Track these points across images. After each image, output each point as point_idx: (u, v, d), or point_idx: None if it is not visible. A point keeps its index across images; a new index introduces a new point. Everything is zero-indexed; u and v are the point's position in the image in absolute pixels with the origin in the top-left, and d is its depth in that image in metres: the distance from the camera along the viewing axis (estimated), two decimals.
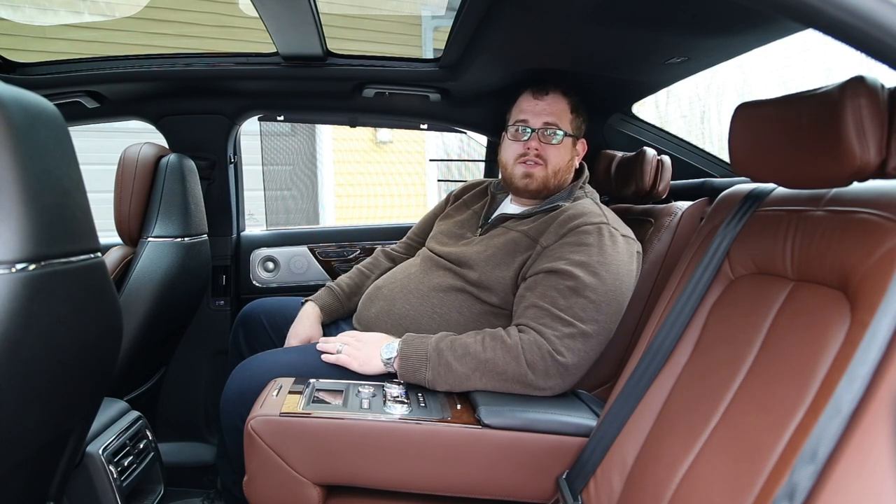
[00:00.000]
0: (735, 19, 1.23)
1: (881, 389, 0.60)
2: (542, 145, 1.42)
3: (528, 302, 1.23)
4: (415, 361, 1.19)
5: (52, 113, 0.80)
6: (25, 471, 0.89)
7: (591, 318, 1.19)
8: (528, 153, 1.42)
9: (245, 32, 3.60)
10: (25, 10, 4.14)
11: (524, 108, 1.45)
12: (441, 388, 1.19)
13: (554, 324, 1.18)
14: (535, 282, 1.25)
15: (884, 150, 0.73)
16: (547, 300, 1.20)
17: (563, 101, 1.44)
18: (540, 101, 1.44)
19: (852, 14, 0.57)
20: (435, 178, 5.91)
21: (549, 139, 1.42)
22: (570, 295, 1.19)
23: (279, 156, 5.20)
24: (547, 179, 1.43)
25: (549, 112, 1.43)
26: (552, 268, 1.24)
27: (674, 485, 0.85)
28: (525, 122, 1.44)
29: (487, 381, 1.17)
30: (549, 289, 1.21)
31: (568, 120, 1.44)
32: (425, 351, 1.20)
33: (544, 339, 1.16)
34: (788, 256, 0.86)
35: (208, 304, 2.05)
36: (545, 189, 1.43)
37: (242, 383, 1.26)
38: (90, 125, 1.94)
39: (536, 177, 1.42)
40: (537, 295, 1.22)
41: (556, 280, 1.22)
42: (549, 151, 1.42)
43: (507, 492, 1.11)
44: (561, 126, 1.43)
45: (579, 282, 1.20)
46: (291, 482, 1.08)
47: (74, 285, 0.82)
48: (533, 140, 1.43)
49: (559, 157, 1.43)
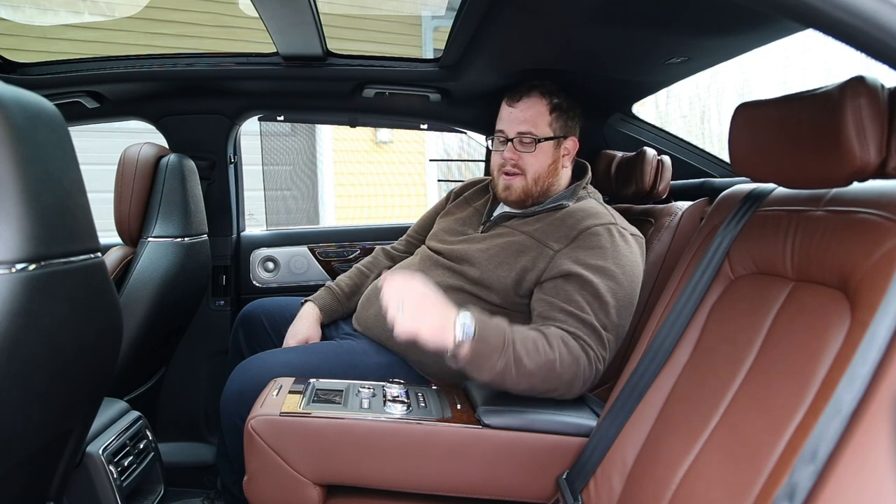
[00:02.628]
0: (735, 19, 1.23)
1: (881, 389, 0.60)
2: (518, 154, 1.39)
3: (556, 306, 1.20)
4: (492, 345, 1.05)
5: (52, 113, 0.80)
6: (25, 471, 0.89)
7: (612, 324, 1.19)
8: (506, 164, 1.40)
9: (245, 32, 3.60)
10: (25, 10, 4.14)
11: (502, 117, 1.44)
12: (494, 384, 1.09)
13: (587, 330, 1.17)
14: (556, 286, 1.23)
15: (884, 150, 0.73)
16: (574, 305, 1.19)
17: (539, 104, 1.40)
18: (513, 108, 1.41)
19: (852, 14, 0.57)
20: (435, 178, 5.90)
21: (523, 147, 1.39)
22: (594, 301, 1.19)
23: (279, 156, 5.20)
24: (527, 188, 1.40)
25: (522, 119, 1.39)
26: (570, 271, 1.22)
27: (674, 485, 0.85)
28: (501, 131, 1.42)
29: (543, 382, 1.10)
30: (573, 293, 1.20)
31: (546, 122, 1.40)
32: (503, 337, 1.06)
33: (588, 346, 1.15)
34: (788, 256, 0.86)
35: (208, 304, 2.05)
36: (528, 197, 1.41)
37: (242, 383, 1.27)
38: (90, 125, 1.94)
39: (515, 188, 1.40)
40: (563, 300, 1.20)
41: (576, 285, 1.21)
42: (525, 160, 1.39)
43: (507, 492, 1.11)
44: (536, 131, 1.39)
45: (599, 287, 1.19)
46: (291, 482, 1.08)
47: (74, 285, 0.82)
48: (508, 150, 1.40)
49: (538, 163, 1.39)
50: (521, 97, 1.41)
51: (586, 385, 1.16)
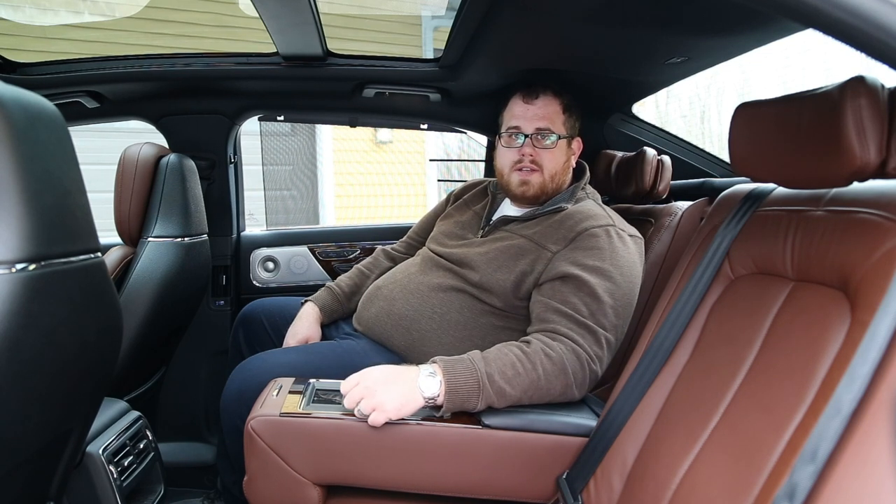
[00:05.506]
0: (735, 19, 1.24)
1: (881, 389, 0.60)
2: (537, 150, 1.40)
3: (550, 307, 1.20)
4: (465, 392, 1.07)
5: (52, 113, 0.80)
6: (25, 471, 0.89)
7: (611, 324, 1.19)
8: (524, 160, 1.40)
9: (245, 32, 3.60)
10: (25, 10, 4.14)
11: (516, 114, 1.43)
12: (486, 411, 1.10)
13: (581, 331, 1.16)
14: (553, 288, 1.23)
15: (884, 149, 0.73)
16: (569, 306, 1.19)
17: (554, 103, 1.42)
18: (531, 105, 1.42)
19: (852, 14, 0.57)
20: (435, 178, 5.91)
21: (543, 144, 1.40)
22: (591, 302, 1.19)
23: (279, 156, 5.20)
24: (544, 185, 1.41)
25: (541, 116, 1.41)
26: (568, 273, 1.22)
27: (674, 485, 0.85)
28: (517, 128, 1.42)
29: (536, 398, 1.11)
30: (569, 295, 1.20)
31: (561, 121, 1.42)
32: (477, 380, 1.07)
33: (579, 347, 1.15)
34: (788, 256, 0.86)
35: (208, 304, 2.05)
36: (543, 194, 1.42)
37: (242, 383, 1.27)
38: (90, 125, 1.95)
39: (533, 183, 1.41)
40: (559, 301, 1.20)
41: (573, 287, 1.21)
42: (544, 156, 1.40)
43: (508, 492, 1.11)
44: (554, 129, 1.40)
45: (597, 288, 1.19)
46: (291, 482, 1.08)
47: (74, 285, 0.82)
48: (527, 146, 1.41)
49: (555, 160, 1.41)
50: (538, 94, 1.42)
51: (584, 385, 1.15)
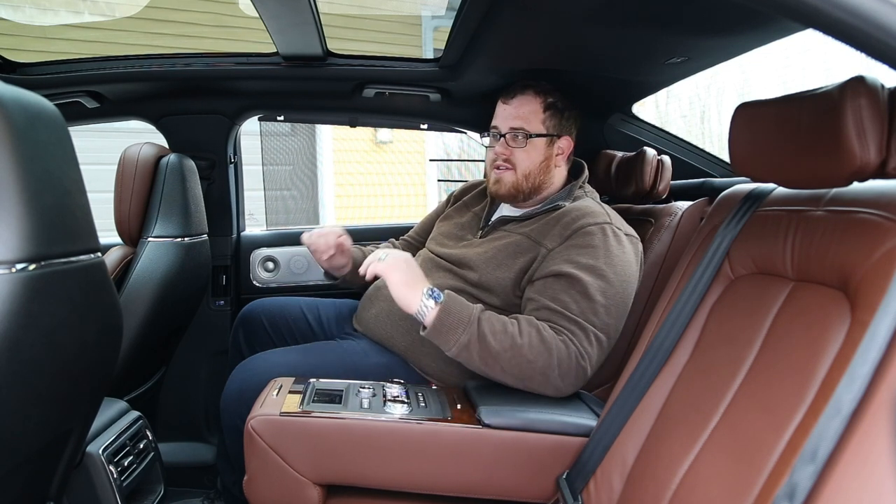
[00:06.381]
0: (735, 19, 1.23)
1: (881, 389, 0.60)
2: (510, 149, 1.42)
3: (541, 304, 1.21)
4: (455, 319, 1.13)
5: (52, 113, 0.80)
6: (25, 471, 0.89)
7: (602, 322, 1.19)
8: (498, 158, 1.43)
9: (245, 32, 3.60)
10: (25, 10, 4.14)
11: (496, 113, 1.47)
12: (461, 358, 1.15)
13: (572, 327, 1.17)
14: (545, 285, 1.24)
15: (884, 149, 0.73)
16: (559, 304, 1.19)
17: (533, 102, 1.43)
18: (507, 104, 1.44)
19: (852, 14, 0.57)
20: (435, 178, 5.90)
21: (515, 142, 1.42)
22: (582, 300, 1.19)
23: (279, 156, 5.20)
24: (517, 183, 1.42)
25: (515, 115, 1.42)
26: (560, 271, 1.23)
27: (674, 485, 0.85)
28: (496, 127, 1.45)
29: (512, 367, 1.13)
30: (559, 292, 1.21)
31: (539, 120, 1.42)
32: (469, 313, 1.15)
33: (570, 341, 1.16)
34: (788, 256, 0.86)
35: (208, 304, 2.05)
36: (518, 192, 1.43)
37: (242, 383, 1.27)
38: (90, 125, 1.94)
39: (505, 182, 1.42)
40: (549, 298, 1.21)
41: (565, 284, 1.21)
42: (516, 155, 1.42)
43: (508, 492, 1.11)
44: (528, 128, 1.41)
45: (589, 286, 1.19)
46: (291, 482, 1.08)
47: (74, 285, 0.82)
48: (500, 145, 1.43)
49: (528, 159, 1.41)
50: (515, 94, 1.44)
51: (569, 377, 1.15)
